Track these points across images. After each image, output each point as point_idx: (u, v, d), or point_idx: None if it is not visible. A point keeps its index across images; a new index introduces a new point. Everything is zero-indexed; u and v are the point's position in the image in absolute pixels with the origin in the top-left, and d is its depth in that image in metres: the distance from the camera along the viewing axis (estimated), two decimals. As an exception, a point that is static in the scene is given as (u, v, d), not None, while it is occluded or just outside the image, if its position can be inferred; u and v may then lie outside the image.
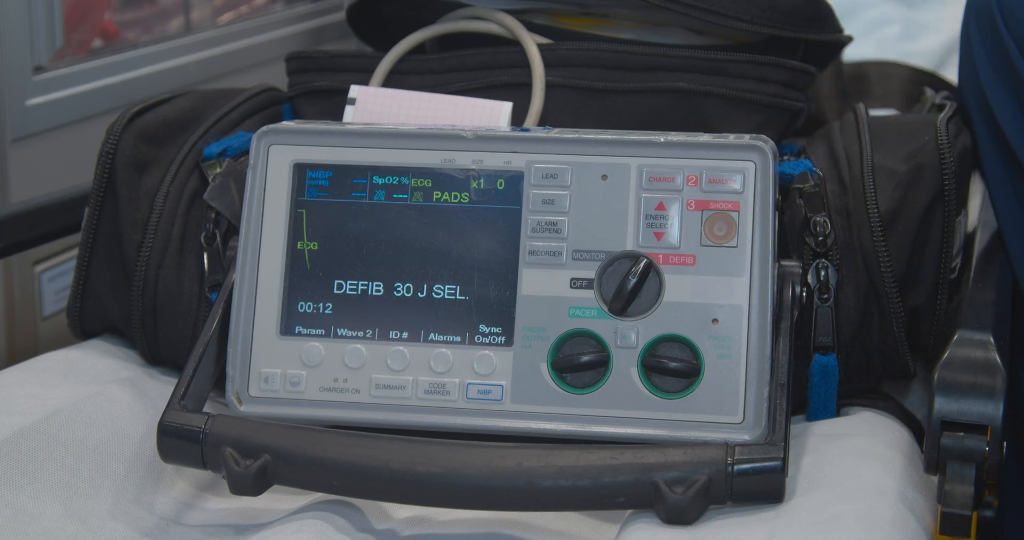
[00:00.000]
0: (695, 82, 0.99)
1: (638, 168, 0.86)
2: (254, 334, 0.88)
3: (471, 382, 0.86)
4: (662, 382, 0.84)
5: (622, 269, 0.85)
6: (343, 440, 0.81)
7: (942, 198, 0.92)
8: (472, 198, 0.87)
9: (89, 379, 0.94)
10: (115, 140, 0.98)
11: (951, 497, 0.76)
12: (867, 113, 0.98)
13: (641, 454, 0.78)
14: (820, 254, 0.90)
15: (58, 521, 0.81)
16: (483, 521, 0.85)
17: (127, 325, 0.98)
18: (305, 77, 1.06)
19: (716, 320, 0.84)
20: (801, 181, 0.92)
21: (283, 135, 0.89)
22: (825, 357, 0.90)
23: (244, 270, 0.88)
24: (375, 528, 0.84)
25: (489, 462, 0.78)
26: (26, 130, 1.22)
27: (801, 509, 0.77)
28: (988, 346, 0.80)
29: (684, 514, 0.76)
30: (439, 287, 0.87)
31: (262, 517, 0.86)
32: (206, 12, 1.54)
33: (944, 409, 0.77)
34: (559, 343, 0.85)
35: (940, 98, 1.08)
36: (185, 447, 0.83)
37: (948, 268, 0.92)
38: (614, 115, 1.00)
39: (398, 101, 0.98)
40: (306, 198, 0.89)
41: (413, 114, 0.98)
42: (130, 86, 1.35)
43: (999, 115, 0.97)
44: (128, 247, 0.96)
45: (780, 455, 0.78)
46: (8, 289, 1.24)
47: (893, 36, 1.70)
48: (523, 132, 0.88)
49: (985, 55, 0.99)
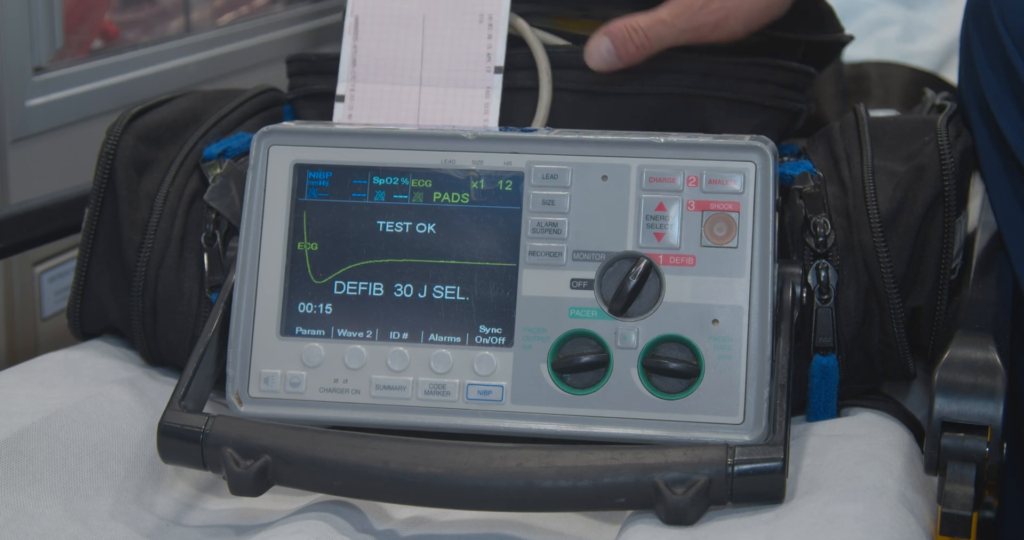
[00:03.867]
0: (694, 84, 0.99)
1: (638, 169, 0.86)
2: (254, 335, 0.88)
3: (471, 383, 0.86)
4: (662, 383, 0.84)
5: (622, 270, 0.85)
6: (343, 441, 0.81)
7: (942, 199, 0.92)
8: (472, 199, 0.87)
9: (89, 380, 0.94)
10: (115, 141, 0.98)
11: (951, 498, 0.76)
12: (867, 114, 0.98)
13: (641, 455, 0.78)
14: (820, 255, 0.90)
15: (58, 522, 0.81)
16: (483, 521, 0.85)
17: (127, 326, 0.98)
18: (305, 79, 1.06)
19: (716, 321, 0.84)
20: (801, 182, 0.92)
21: (283, 136, 0.89)
22: (825, 358, 0.90)
23: (244, 271, 0.88)
24: (375, 528, 0.84)
25: (489, 463, 0.78)
26: (26, 131, 1.22)
27: (801, 510, 0.77)
28: (988, 346, 0.80)
29: (684, 515, 0.76)
30: (439, 288, 0.87)
31: (262, 518, 0.86)
32: (206, 13, 1.54)
33: (944, 409, 0.77)
34: (559, 344, 0.85)
35: (940, 99, 1.08)
36: (185, 447, 0.83)
37: (948, 269, 0.92)
38: (613, 118, 1.00)
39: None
40: (306, 198, 0.89)
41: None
42: (130, 87, 1.35)
43: (999, 116, 0.97)
44: (128, 248, 0.96)
45: (780, 456, 0.78)
46: (8, 289, 1.24)
47: (893, 36, 1.70)
48: (523, 133, 0.88)
49: (985, 56, 0.99)
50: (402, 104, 0.99)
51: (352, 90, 1.00)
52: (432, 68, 0.99)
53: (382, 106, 0.99)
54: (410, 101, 0.99)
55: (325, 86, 1.04)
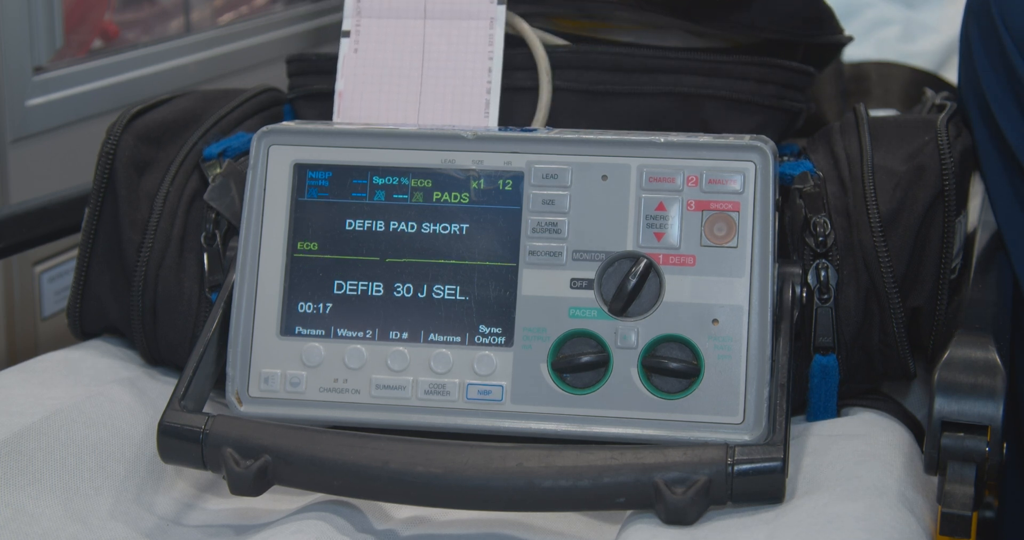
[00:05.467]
0: (694, 84, 0.99)
1: (638, 168, 0.86)
2: (254, 334, 0.88)
3: (471, 382, 0.86)
4: (662, 382, 0.84)
5: (622, 269, 0.85)
6: (343, 440, 0.81)
7: (942, 198, 0.92)
8: (472, 198, 0.87)
9: (89, 379, 0.94)
10: (115, 140, 0.98)
11: (951, 497, 0.76)
12: (867, 113, 0.98)
13: (641, 454, 0.78)
14: (820, 254, 0.90)
15: (58, 521, 0.81)
16: (483, 521, 0.85)
17: (127, 325, 0.98)
18: (305, 79, 1.06)
19: (716, 320, 0.84)
20: (801, 182, 0.92)
21: (283, 135, 0.89)
22: (825, 357, 0.90)
23: (244, 270, 0.88)
24: (375, 528, 0.84)
25: (489, 462, 0.78)
26: (26, 130, 1.22)
27: (801, 510, 0.77)
28: (988, 346, 0.80)
29: (684, 514, 0.76)
30: (439, 287, 0.87)
31: (262, 517, 0.86)
32: (206, 13, 1.54)
33: (944, 409, 0.77)
34: (559, 343, 0.85)
35: (940, 98, 1.08)
36: (185, 447, 0.83)
37: (948, 268, 0.92)
38: (613, 118, 1.00)
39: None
40: (306, 198, 0.89)
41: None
42: (130, 87, 1.35)
43: (998, 116, 0.97)
44: (128, 247, 0.96)
45: (780, 455, 0.78)
46: (8, 289, 1.24)
47: (893, 36, 1.70)
48: (523, 132, 0.88)
49: (984, 56, 0.99)
50: (407, 38, 0.99)
51: (358, 26, 1.00)
52: (436, 0, 1.00)
53: (387, 41, 0.99)
54: (415, 35, 0.99)
55: (325, 86, 1.04)
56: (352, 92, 0.99)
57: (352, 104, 0.99)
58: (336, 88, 1.00)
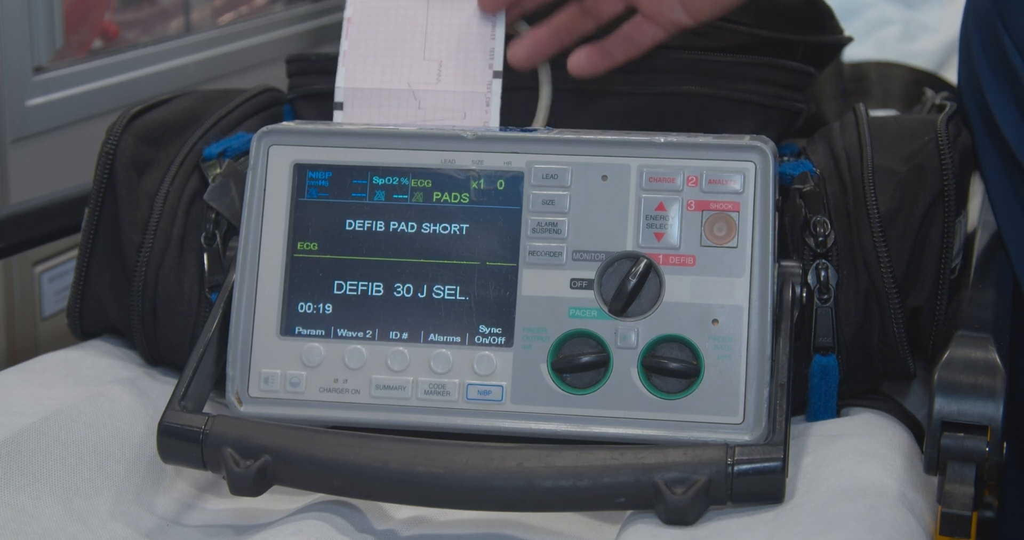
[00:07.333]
0: (694, 84, 0.99)
1: (638, 168, 0.86)
2: (254, 334, 0.88)
3: (471, 382, 0.86)
4: (662, 382, 0.84)
5: (622, 269, 0.85)
6: (343, 440, 0.81)
7: (942, 198, 0.92)
8: (472, 198, 0.87)
9: (89, 379, 0.94)
10: (115, 140, 0.98)
11: (951, 497, 0.76)
12: (867, 113, 0.98)
13: (641, 454, 0.78)
14: (820, 254, 0.90)
15: (58, 522, 0.81)
16: (483, 521, 0.85)
17: (127, 326, 0.98)
18: (305, 79, 1.06)
19: (716, 320, 0.84)
20: (801, 182, 0.92)
21: (283, 135, 0.89)
22: (825, 357, 0.90)
23: (244, 270, 0.88)
24: (375, 528, 0.84)
25: (489, 463, 0.78)
26: (26, 130, 1.22)
27: (801, 510, 0.77)
28: (988, 346, 0.80)
29: (684, 515, 0.76)
30: (439, 287, 0.87)
31: (262, 518, 0.86)
32: (206, 13, 1.54)
33: (944, 409, 0.77)
34: (559, 343, 0.85)
35: (940, 99, 1.08)
36: (185, 447, 0.83)
37: (948, 268, 0.92)
38: (613, 118, 1.00)
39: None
40: (306, 198, 0.89)
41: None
42: (130, 87, 1.35)
43: (998, 116, 0.97)
44: (128, 248, 0.96)
45: (780, 456, 0.78)
46: (8, 289, 1.24)
47: (893, 36, 1.70)
48: (523, 132, 0.88)
49: (984, 56, 0.99)
50: (408, 10, 0.99)
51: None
52: None
53: (388, 12, 0.99)
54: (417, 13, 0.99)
55: (325, 86, 1.03)
56: (355, 54, 0.99)
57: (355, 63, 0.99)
58: (340, 48, 1.00)
